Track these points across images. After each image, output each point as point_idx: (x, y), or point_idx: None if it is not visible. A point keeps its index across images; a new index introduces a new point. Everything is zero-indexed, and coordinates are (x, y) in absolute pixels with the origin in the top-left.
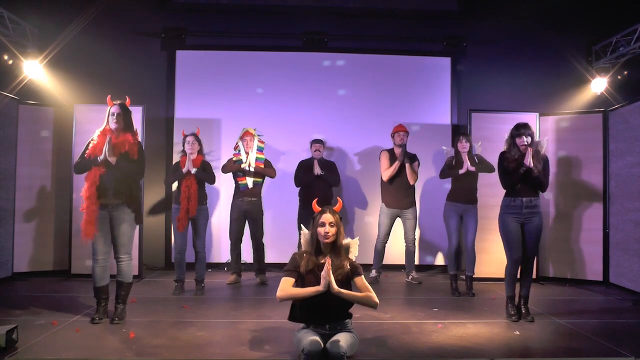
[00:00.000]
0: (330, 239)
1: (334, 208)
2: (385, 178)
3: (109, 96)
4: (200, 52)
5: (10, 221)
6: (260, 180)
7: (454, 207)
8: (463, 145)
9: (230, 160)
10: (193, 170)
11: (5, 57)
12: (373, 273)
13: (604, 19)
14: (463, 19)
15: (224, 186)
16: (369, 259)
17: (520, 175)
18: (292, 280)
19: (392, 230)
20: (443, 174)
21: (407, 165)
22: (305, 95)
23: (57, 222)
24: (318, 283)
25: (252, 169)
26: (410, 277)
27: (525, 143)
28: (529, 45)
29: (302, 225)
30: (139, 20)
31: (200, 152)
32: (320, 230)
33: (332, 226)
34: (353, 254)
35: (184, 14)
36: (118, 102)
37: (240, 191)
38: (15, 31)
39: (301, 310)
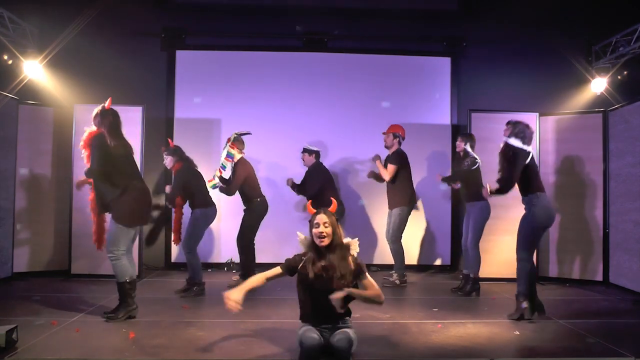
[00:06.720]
0: (325, 241)
1: (329, 209)
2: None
3: (109, 98)
4: (200, 52)
5: (10, 221)
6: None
7: (466, 207)
8: (457, 144)
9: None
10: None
11: (5, 57)
12: (394, 277)
13: (604, 19)
14: (463, 19)
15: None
16: (369, 260)
17: None
18: (279, 271)
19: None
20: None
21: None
22: (305, 95)
23: (56, 222)
24: (326, 288)
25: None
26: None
27: None
28: (529, 45)
29: (299, 232)
30: (139, 20)
31: (180, 159)
32: (315, 231)
33: (326, 226)
34: (354, 251)
35: (183, 14)
36: (100, 106)
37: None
38: (15, 31)
39: (305, 310)
